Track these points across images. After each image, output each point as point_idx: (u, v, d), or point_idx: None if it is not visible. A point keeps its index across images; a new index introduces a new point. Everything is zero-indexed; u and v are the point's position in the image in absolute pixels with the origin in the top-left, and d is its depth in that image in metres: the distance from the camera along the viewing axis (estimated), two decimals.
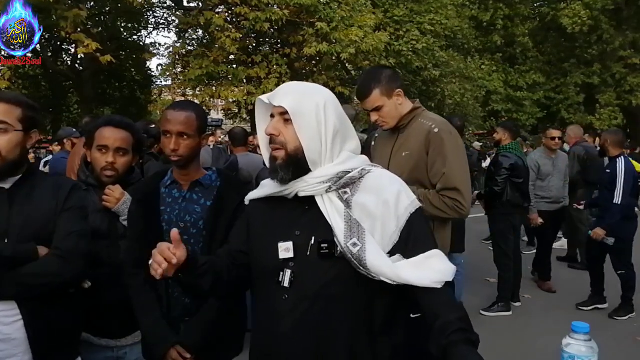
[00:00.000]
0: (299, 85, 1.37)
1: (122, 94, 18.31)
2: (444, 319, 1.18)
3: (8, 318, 1.53)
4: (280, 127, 1.30)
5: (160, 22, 16.91)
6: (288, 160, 1.29)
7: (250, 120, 15.74)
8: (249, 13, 10.41)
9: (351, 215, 1.26)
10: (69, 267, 1.58)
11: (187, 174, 1.86)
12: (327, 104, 1.32)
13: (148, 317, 1.79)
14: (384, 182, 1.32)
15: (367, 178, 1.32)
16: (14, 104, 1.60)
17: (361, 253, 1.22)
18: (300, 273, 1.29)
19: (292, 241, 1.30)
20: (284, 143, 1.29)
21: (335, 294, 1.27)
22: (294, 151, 1.29)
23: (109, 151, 1.93)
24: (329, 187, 1.29)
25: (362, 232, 1.24)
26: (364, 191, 1.30)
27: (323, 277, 1.27)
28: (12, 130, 1.57)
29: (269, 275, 1.32)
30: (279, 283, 1.29)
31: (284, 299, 1.29)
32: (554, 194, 5.34)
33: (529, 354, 3.85)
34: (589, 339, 1.20)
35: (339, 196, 1.29)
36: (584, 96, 20.21)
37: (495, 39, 19.76)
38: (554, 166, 5.38)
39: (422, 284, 1.21)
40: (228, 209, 1.83)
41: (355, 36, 10.75)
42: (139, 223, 1.83)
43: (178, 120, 1.78)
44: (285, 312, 1.29)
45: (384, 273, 1.21)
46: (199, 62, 10.97)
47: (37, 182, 1.66)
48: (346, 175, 1.30)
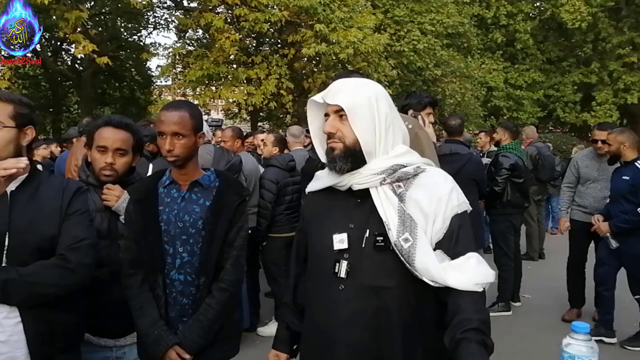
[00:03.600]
0: (349, 81, 1.41)
1: (122, 94, 18.32)
2: (466, 315, 1.21)
3: (9, 320, 1.53)
4: (337, 124, 1.35)
5: (160, 22, 16.94)
6: (346, 152, 1.34)
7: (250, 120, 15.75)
8: (248, 14, 10.41)
9: (405, 210, 1.29)
10: (77, 277, 1.60)
11: (185, 173, 1.85)
12: (378, 97, 1.36)
13: (146, 318, 1.79)
14: (439, 180, 1.35)
15: (421, 176, 1.35)
16: (4, 101, 1.60)
17: (411, 249, 1.25)
18: (355, 264, 1.33)
19: (346, 233, 1.35)
20: (342, 138, 1.34)
21: (390, 285, 1.31)
22: (352, 144, 1.33)
23: (108, 151, 1.93)
24: (383, 179, 1.32)
25: (414, 227, 1.26)
26: (417, 187, 1.33)
27: (379, 268, 1.31)
28: (1, 127, 1.57)
29: (324, 266, 1.37)
30: (335, 274, 1.34)
31: (341, 289, 1.33)
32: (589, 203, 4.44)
33: (529, 354, 3.85)
34: (589, 339, 1.20)
35: (392, 189, 1.32)
36: (581, 95, 20.24)
37: (496, 37, 19.78)
38: (599, 171, 4.43)
39: (465, 287, 1.24)
40: (227, 208, 1.83)
41: (354, 37, 10.75)
42: (137, 223, 1.83)
43: (172, 121, 1.77)
44: (342, 301, 1.33)
45: (431, 274, 1.24)
46: (199, 63, 10.97)
47: (42, 182, 1.66)
48: (401, 168, 1.33)
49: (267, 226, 4.10)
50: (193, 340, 1.78)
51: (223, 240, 1.82)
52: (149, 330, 1.78)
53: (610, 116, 19.21)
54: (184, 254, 1.81)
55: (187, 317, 1.82)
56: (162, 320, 1.80)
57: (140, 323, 1.80)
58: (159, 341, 1.76)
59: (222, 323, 1.84)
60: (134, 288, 1.81)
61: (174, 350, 1.76)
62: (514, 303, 4.93)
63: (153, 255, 1.81)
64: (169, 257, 1.81)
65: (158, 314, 1.80)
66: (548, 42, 20.91)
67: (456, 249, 1.29)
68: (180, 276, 1.81)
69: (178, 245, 1.81)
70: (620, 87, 19.23)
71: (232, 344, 1.97)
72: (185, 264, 1.81)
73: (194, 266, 1.81)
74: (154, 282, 1.81)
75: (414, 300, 1.32)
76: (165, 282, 1.81)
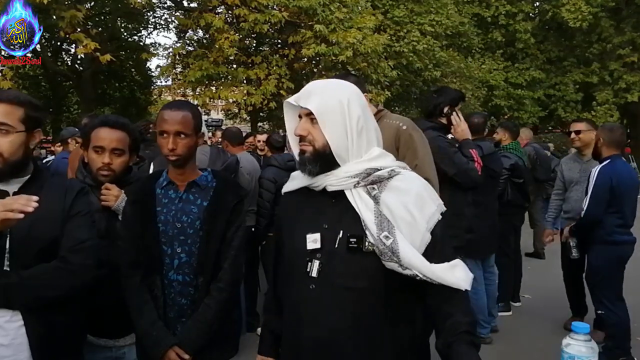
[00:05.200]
0: (321, 84, 1.41)
1: (122, 94, 18.34)
2: (456, 319, 1.26)
3: (12, 323, 1.52)
4: (308, 127, 1.35)
5: (160, 22, 16.95)
6: (315, 155, 1.35)
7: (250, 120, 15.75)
8: (248, 15, 10.41)
9: (381, 211, 1.30)
10: (80, 279, 1.60)
11: (183, 173, 1.85)
12: (351, 100, 1.35)
13: (145, 319, 1.78)
14: (412, 185, 1.35)
15: (395, 179, 1.35)
16: (15, 104, 1.57)
17: (394, 245, 1.25)
18: (327, 264, 1.34)
19: (319, 233, 1.35)
20: (312, 141, 1.35)
21: (360, 286, 1.31)
22: (322, 148, 1.34)
23: (105, 152, 1.93)
24: (357, 182, 1.33)
25: (391, 227, 1.27)
26: (391, 191, 1.33)
27: (350, 269, 1.32)
28: (13, 132, 1.55)
29: (297, 265, 1.38)
30: (306, 273, 1.35)
31: (311, 288, 1.35)
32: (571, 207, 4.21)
33: (529, 354, 3.85)
34: (589, 339, 1.20)
35: (367, 192, 1.33)
36: (582, 95, 20.26)
37: (496, 36, 19.80)
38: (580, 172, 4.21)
39: (451, 283, 1.27)
40: (225, 209, 1.83)
41: (354, 38, 10.75)
42: (135, 224, 1.82)
43: (175, 120, 1.77)
44: (312, 300, 1.34)
45: (416, 265, 1.25)
46: (199, 64, 10.97)
47: (45, 183, 1.65)
48: (375, 172, 1.33)
49: (266, 225, 4.11)
50: (192, 341, 1.77)
51: (221, 240, 1.82)
52: (148, 331, 1.77)
53: (611, 116, 19.25)
54: (182, 254, 1.81)
55: (185, 317, 1.82)
56: (160, 321, 1.79)
57: (139, 324, 1.80)
58: (158, 342, 1.76)
59: (221, 323, 1.83)
60: (132, 289, 1.80)
61: (173, 351, 1.75)
62: (514, 303, 4.93)
63: (151, 256, 1.80)
64: (167, 257, 1.81)
65: (157, 315, 1.79)
66: (548, 42, 20.94)
67: (441, 254, 1.30)
68: (178, 277, 1.81)
69: (176, 246, 1.80)
70: (621, 86, 19.26)
71: (231, 343, 1.97)
72: (184, 264, 1.80)
73: (192, 266, 1.80)
74: (152, 282, 1.81)
75: (385, 300, 1.32)
76: (163, 283, 1.81)
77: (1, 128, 1.54)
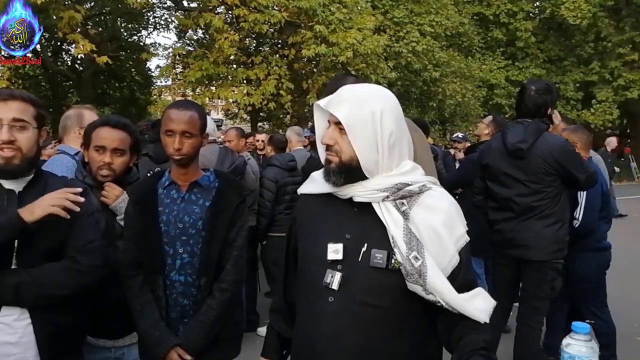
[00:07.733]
0: (356, 91, 1.31)
1: (122, 94, 18.32)
2: (473, 337, 1.20)
3: (20, 322, 1.54)
4: (336, 136, 1.28)
5: (160, 22, 16.94)
6: (341, 167, 1.28)
7: (250, 120, 15.75)
8: (248, 15, 10.41)
9: (410, 229, 1.24)
10: (88, 279, 1.62)
11: (185, 173, 1.85)
12: (384, 112, 1.26)
13: (147, 319, 1.78)
14: (443, 204, 1.29)
15: (426, 194, 1.29)
16: (28, 102, 1.61)
17: (422, 268, 1.20)
18: (348, 277, 1.27)
19: (342, 243, 1.28)
20: (339, 152, 1.28)
21: (382, 304, 1.26)
22: (348, 160, 1.27)
23: (106, 151, 1.93)
24: (386, 197, 1.26)
25: (420, 247, 1.22)
26: (421, 207, 1.26)
27: (372, 285, 1.25)
28: (30, 128, 1.59)
29: (315, 275, 1.30)
30: (326, 285, 1.27)
31: (330, 301, 1.28)
32: None
33: None
34: (589, 339, 1.20)
35: (395, 206, 1.26)
36: (582, 94, 20.27)
37: (497, 34, 19.79)
38: None
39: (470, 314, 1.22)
40: (227, 209, 1.83)
41: (353, 39, 10.76)
42: (137, 224, 1.82)
43: (182, 120, 1.77)
44: (330, 314, 1.27)
45: (441, 292, 1.20)
46: (199, 64, 10.97)
47: (48, 183, 1.66)
48: (405, 187, 1.27)
49: (266, 225, 4.12)
50: (194, 341, 1.78)
51: (223, 240, 1.82)
52: (150, 331, 1.78)
53: (611, 114, 19.26)
54: (184, 254, 1.81)
55: (187, 318, 1.82)
56: (163, 321, 1.79)
57: (141, 324, 1.80)
58: (160, 342, 1.76)
59: (223, 323, 1.83)
60: (135, 289, 1.81)
61: (175, 351, 1.76)
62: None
63: (153, 256, 1.81)
64: (169, 258, 1.81)
65: (159, 315, 1.79)
66: (548, 41, 20.94)
67: (464, 281, 1.26)
68: (180, 277, 1.81)
69: (178, 246, 1.80)
70: (621, 84, 19.28)
71: (233, 344, 1.97)
72: (186, 264, 1.81)
73: (194, 267, 1.80)
74: (154, 283, 1.81)
75: (405, 318, 1.28)
76: (165, 283, 1.81)
77: (19, 125, 1.56)
